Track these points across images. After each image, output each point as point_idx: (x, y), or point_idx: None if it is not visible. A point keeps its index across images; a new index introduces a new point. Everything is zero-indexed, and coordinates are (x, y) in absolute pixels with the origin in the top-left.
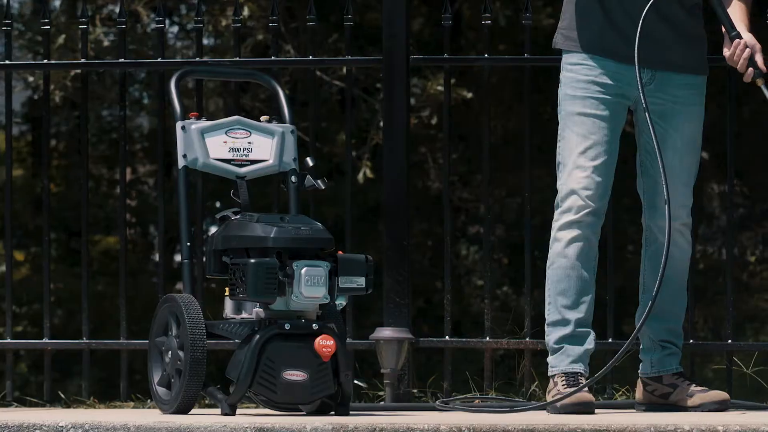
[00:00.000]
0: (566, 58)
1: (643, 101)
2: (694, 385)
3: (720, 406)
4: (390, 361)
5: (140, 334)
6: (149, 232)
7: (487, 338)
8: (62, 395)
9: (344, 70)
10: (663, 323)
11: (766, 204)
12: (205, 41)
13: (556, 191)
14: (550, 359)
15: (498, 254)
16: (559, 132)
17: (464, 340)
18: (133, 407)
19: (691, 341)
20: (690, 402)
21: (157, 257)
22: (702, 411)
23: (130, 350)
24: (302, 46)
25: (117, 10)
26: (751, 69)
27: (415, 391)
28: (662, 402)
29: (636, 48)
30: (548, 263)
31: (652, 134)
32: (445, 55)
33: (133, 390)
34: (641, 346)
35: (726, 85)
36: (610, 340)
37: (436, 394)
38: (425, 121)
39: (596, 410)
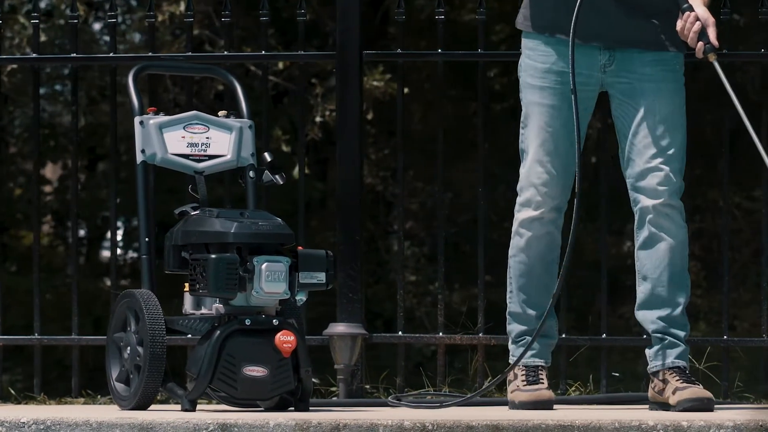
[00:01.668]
0: (524, 41)
1: (571, 83)
2: (681, 380)
3: (697, 404)
4: (343, 356)
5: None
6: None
7: (440, 333)
8: (12, 391)
9: (279, 65)
10: (656, 311)
11: (696, 200)
12: (138, 37)
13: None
14: (511, 347)
15: (431, 250)
16: (521, 118)
17: (417, 335)
18: (84, 403)
19: (644, 336)
20: (672, 400)
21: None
22: (678, 410)
23: (64, 346)
24: (238, 42)
25: (42, 5)
26: (701, 43)
27: (368, 386)
28: (662, 400)
29: (573, 24)
30: (510, 252)
31: (575, 117)
32: (399, 51)
33: (61, 385)
34: None
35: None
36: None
37: (389, 389)
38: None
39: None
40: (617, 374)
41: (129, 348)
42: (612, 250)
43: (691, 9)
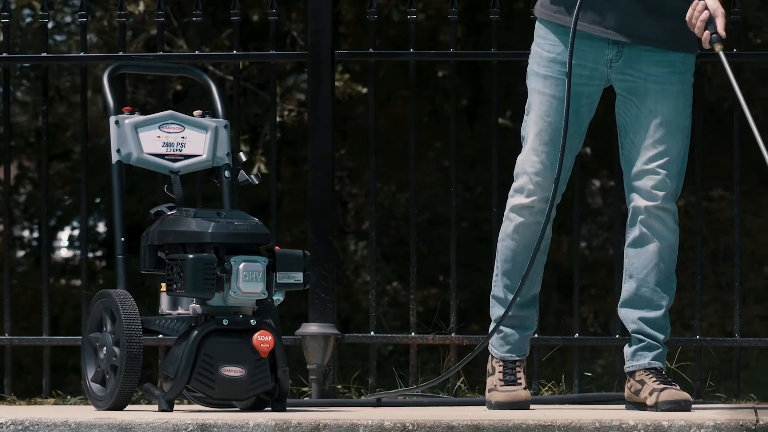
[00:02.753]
0: (536, 28)
1: (567, 66)
2: (659, 382)
3: (674, 406)
4: (316, 356)
5: (30, 330)
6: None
7: (413, 334)
8: None
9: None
10: (638, 311)
11: None
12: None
13: (448, 187)
14: (491, 330)
15: (388, 250)
16: (526, 105)
17: (390, 335)
18: (54, 403)
19: (617, 336)
20: (649, 401)
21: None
22: (658, 410)
23: (20, 346)
24: (192, 42)
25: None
26: (707, 32)
27: (340, 386)
28: (638, 400)
29: (576, 8)
30: (500, 236)
31: (566, 104)
32: (371, 50)
33: (18, 385)
34: None
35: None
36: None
37: (360, 389)
38: None
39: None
40: (589, 374)
41: (105, 348)
42: (564, 249)
43: None
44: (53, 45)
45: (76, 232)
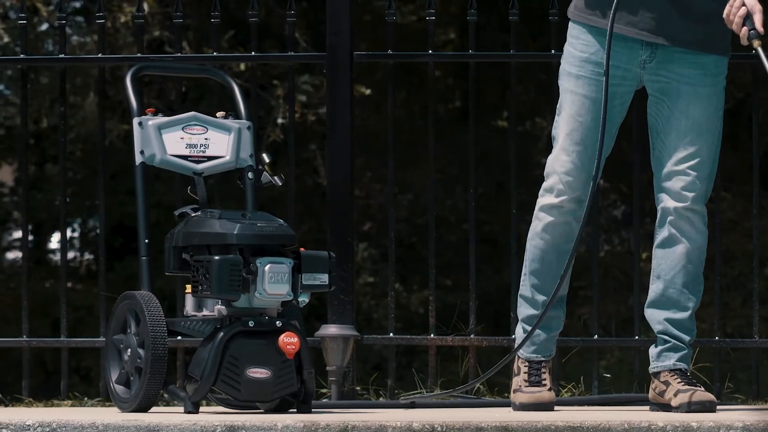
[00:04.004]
0: (569, 29)
1: (602, 67)
2: (684, 383)
3: (700, 407)
4: (336, 358)
5: (31, 332)
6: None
7: (432, 335)
8: None
9: (242, 66)
10: (664, 312)
11: (650, 201)
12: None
13: (448, 188)
14: (518, 331)
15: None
16: (557, 105)
17: (408, 337)
18: (71, 405)
19: (636, 337)
20: (674, 402)
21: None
22: (683, 411)
23: (16, 348)
24: (196, 43)
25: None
26: (746, 29)
27: (358, 388)
28: (663, 401)
29: (613, 7)
30: (528, 235)
31: (603, 104)
32: (389, 51)
33: (19, 387)
34: None
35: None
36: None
37: (379, 391)
38: (314, 118)
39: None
40: (608, 375)
41: (129, 350)
42: None
43: None
44: (46, 48)
45: (76, 234)
